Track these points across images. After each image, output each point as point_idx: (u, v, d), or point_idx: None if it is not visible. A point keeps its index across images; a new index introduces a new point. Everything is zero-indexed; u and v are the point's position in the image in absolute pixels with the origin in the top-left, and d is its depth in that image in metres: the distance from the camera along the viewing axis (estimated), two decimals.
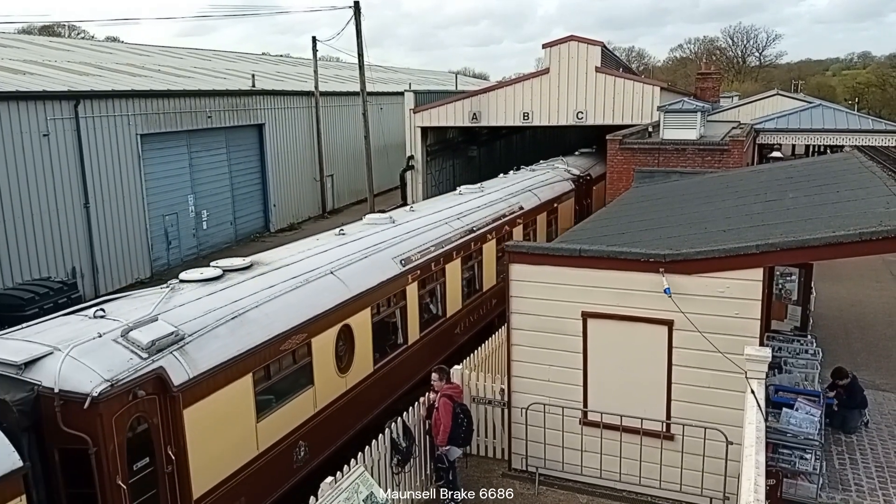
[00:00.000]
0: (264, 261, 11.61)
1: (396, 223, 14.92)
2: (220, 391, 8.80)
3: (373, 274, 12.39)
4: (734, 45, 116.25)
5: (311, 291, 10.90)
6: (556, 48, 29.73)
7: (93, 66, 30.81)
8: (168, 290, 9.75)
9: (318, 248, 12.68)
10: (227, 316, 9.38)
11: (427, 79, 71.10)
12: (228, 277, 10.55)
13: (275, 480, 9.87)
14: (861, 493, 10.67)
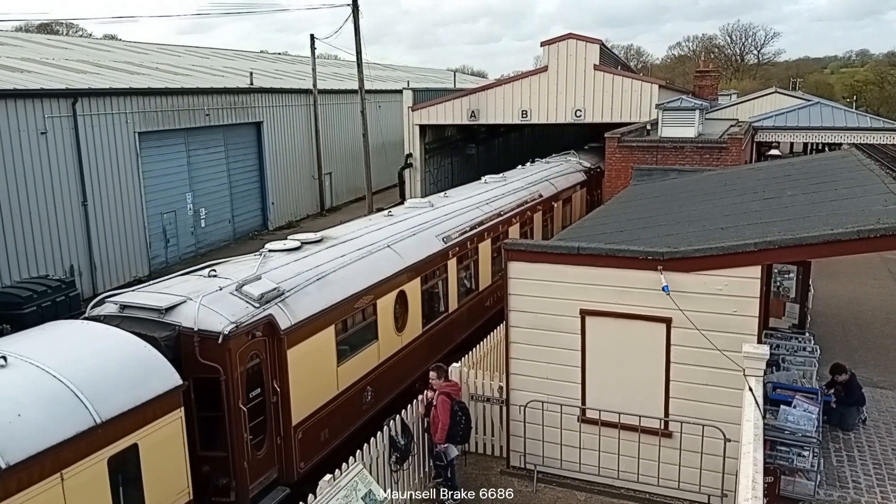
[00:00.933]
0: (331, 235, 13.54)
1: (435, 207, 16.79)
2: (311, 338, 10.58)
3: (421, 248, 14.24)
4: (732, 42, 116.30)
5: (374, 261, 12.75)
6: (555, 46, 29.72)
7: (91, 63, 30.76)
8: (261, 257, 11.57)
9: (373, 226, 14.58)
10: (313, 277, 11.19)
11: (425, 77, 71.04)
12: (306, 248, 12.40)
13: (349, 418, 11.62)
14: (858, 489, 10.70)
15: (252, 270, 10.69)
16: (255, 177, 34.27)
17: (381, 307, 12.47)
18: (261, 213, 34.70)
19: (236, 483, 9.40)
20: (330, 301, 11.08)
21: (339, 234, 13.77)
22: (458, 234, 15.70)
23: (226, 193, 31.71)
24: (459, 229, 15.87)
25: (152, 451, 8.05)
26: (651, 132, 25.13)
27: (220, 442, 9.31)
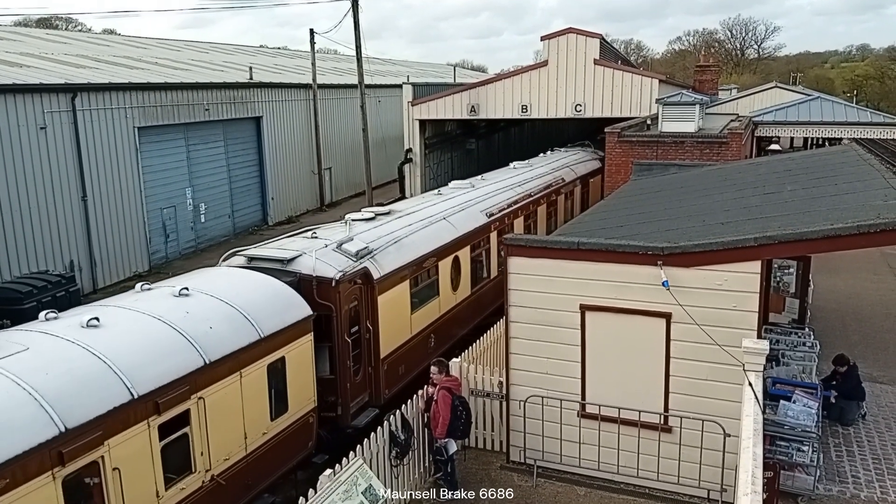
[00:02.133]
0: (396, 209, 16.15)
1: (475, 188, 19.35)
2: (393, 289, 12.97)
3: (469, 221, 16.68)
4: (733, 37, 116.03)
5: (435, 230, 15.22)
6: (555, 40, 29.64)
7: (90, 58, 30.71)
8: (347, 224, 14.23)
9: (428, 203, 17.25)
10: (391, 241, 13.61)
11: (425, 71, 70.93)
12: (379, 219, 14.90)
13: (418, 358, 13.76)
14: (858, 484, 10.72)
15: (345, 234, 13.29)
16: (255, 172, 34.23)
17: (441, 268, 14.92)
18: (260, 209, 34.67)
19: (341, 401, 11.71)
20: (405, 260, 13.52)
21: (403, 207, 16.52)
22: (497, 210, 18.17)
23: (225, 188, 31.68)
24: (498, 206, 18.34)
25: (293, 364, 10.37)
26: (651, 127, 25.11)
27: (329, 366, 11.56)
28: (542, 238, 12.72)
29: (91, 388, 7.47)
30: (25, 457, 6.56)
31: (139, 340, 8.46)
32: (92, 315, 8.48)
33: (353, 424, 11.83)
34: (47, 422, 6.90)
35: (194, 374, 8.56)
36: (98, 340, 8.04)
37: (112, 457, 7.46)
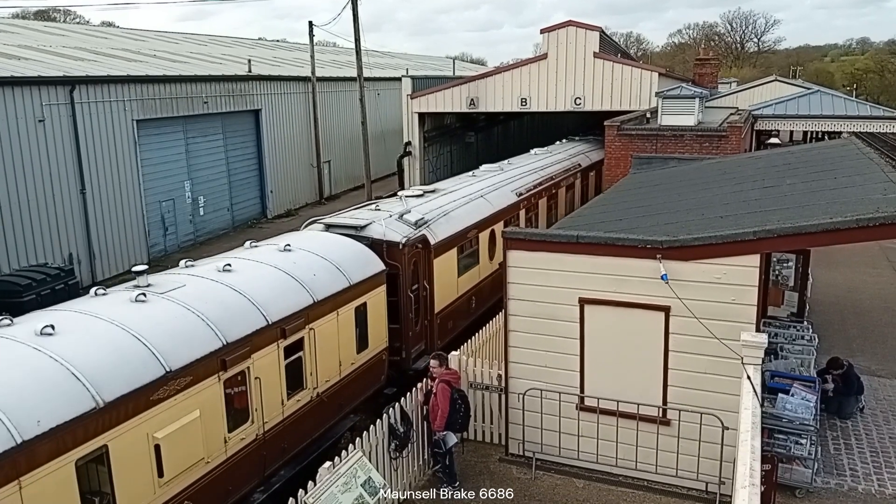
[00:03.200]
0: (440, 188, 18.25)
1: (504, 171, 21.32)
2: (445, 254, 15.02)
3: (502, 199, 18.64)
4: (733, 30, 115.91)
5: (475, 206, 17.24)
6: (554, 33, 29.57)
7: (88, 51, 30.62)
8: (402, 199, 16.32)
9: (466, 183, 19.16)
10: (441, 213, 15.64)
11: (424, 64, 70.77)
12: (427, 196, 16.96)
13: (463, 316, 15.91)
14: (856, 477, 10.77)
15: (402, 207, 15.26)
16: (254, 165, 34.18)
17: (481, 239, 16.97)
18: (259, 202, 34.63)
19: (404, 346, 13.63)
20: (454, 230, 15.56)
21: (445, 187, 18.54)
22: (525, 190, 20.15)
23: (224, 181, 31.64)
24: (525, 187, 20.36)
25: (372, 309, 12.39)
26: (651, 120, 25.08)
27: (396, 317, 13.39)
28: (542, 231, 12.74)
29: (240, 315, 9.58)
30: (201, 361, 8.63)
31: (267, 282, 10.53)
32: (225, 262, 10.68)
33: (414, 367, 13.70)
34: (214, 337, 8.95)
35: (307, 309, 10.65)
36: (236, 281, 10.16)
37: (255, 368, 9.55)
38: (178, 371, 8.26)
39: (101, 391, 7.40)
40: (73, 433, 7.01)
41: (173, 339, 8.54)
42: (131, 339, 8.17)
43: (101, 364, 7.68)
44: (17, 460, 6.50)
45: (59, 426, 6.89)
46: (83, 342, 7.93)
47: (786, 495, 10.26)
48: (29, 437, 6.61)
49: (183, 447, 8.31)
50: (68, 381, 7.29)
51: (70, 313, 8.60)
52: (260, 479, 9.87)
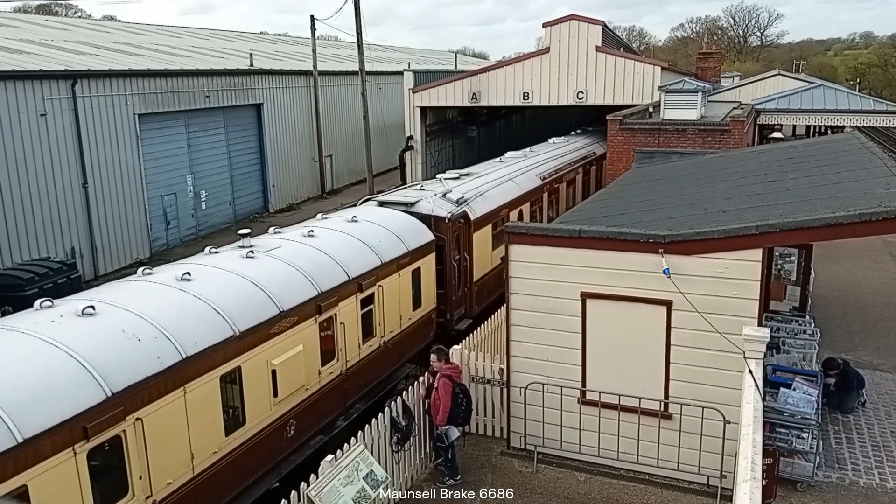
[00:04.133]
0: (473, 171, 20.16)
1: (527, 157, 23.30)
2: (482, 229, 16.87)
3: (528, 183, 20.58)
4: (736, 24, 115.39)
5: (505, 188, 19.11)
6: (557, 27, 29.48)
7: (90, 45, 30.60)
8: (440, 181, 18.16)
9: (495, 168, 21.19)
10: (478, 193, 17.43)
11: (426, 58, 70.64)
12: (463, 178, 18.81)
13: (496, 286, 16.38)
14: (857, 471, 10.77)
15: (444, 187, 17.16)
16: (256, 159, 34.18)
17: (511, 217, 18.49)
18: (261, 196, 34.64)
19: (448, 309, 15.52)
20: (489, 208, 17.43)
21: (477, 171, 20.46)
22: (547, 174, 21.99)
23: (226, 176, 31.65)
24: (548, 172, 22.19)
25: (424, 273, 14.28)
26: (653, 115, 25.03)
27: (441, 283, 15.20)
28: (543, 226, 12.73)
29: (328, 270, 11.44)
30: (304, 305, 10.51)
31: (344, 245, 12.43)
32: (308, 229, 12.57)
33: (456, 328, 15.58)
34: (311, 287, 10.87)
35: (377, 269, 12.56)
36: (320, 244, 12.03)
37: (340, 315, 11.42)
38: (288, 311, 10.15)
39: (237, 323, 9.29)
40: (217, 354, 8.87)
41: (282, 286, 10.38)
42: (252, 286, 10.04)
43: (234, 302, 9.52)
44: (184, 371, 8.38)
45: (209, 347, 8.76)
46: (216, 285, 9.76)
47: (787, 489, 10.27)
48: (190, 354, 8.49)
49: (291, 374, 10.18)
50: (212, 314, 9.13)
51: (195, 265, 10.39)
52: (342, 409, 11.83)
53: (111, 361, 7.69)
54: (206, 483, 8.73)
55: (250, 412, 9.48)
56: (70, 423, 7.02)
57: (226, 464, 9.08)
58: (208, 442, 8.79)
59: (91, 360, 7.54)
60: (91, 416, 7.20)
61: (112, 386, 7.51)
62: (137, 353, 7.99)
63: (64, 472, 7.00)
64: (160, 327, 8.43)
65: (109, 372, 7.58)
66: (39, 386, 7.10)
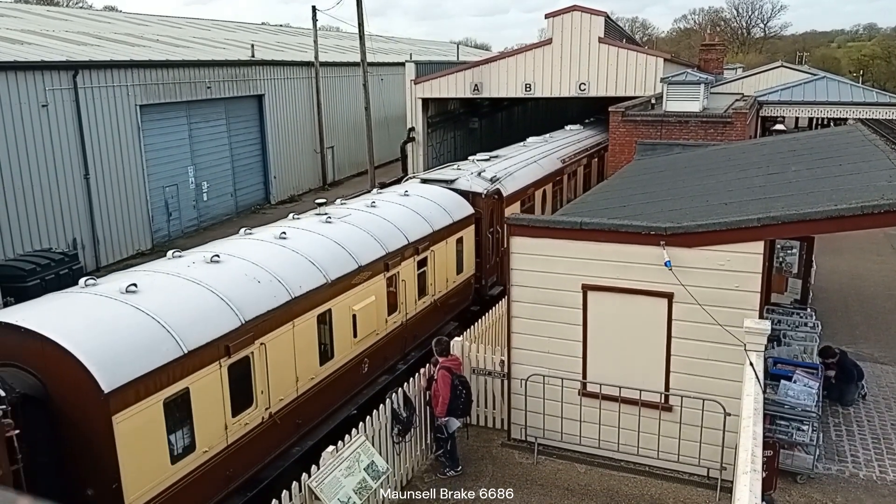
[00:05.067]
0: (500, 154, 21.89)
1: (548, 142, 25.27)
2: (512, 204, 18.59)
3: (550, 165, 22.52)
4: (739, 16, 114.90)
5: (531, 169, 20.97)
6: (559, 18, 29.39)
7: (91, 35, 30.53)
8: (473, 162, 20.14)
9: (519, 151, 23.04)
10: (508, 173, 19.23)
11: (428, 49, 70.42)
12: (493, 160, 20.73)
13: None
14: (857, 464, 10.79)
15: (477, 168, 19.03)
16: (257, 150, 34.13)
17: (536, 196, 20.73)
18: (263, 187, 34.61)
19: (483, 276, 17.29)
20: (518, 186, 19.27)
21: (504, 153, 22.16)
22: (567, 158, 24.08)
23: (228, 167, 31.62)
24: (567, 155, 24.27)
25: (466, 243, 16.22)
26: (655, 106, 24.96)
27: (477, 253, 16.92)
28: (545, 218, 12.74)
29: (391, 234, 13.41)
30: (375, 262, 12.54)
31: (402, 214, 14.30)
32: (370, 201, 14.68)
33: (490, 293, 17.29)
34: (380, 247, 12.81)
35: (429, 235, 14.43)
36: (382, 213, 13.92)
37: (402, 273, 13.42)
38: (364, 266, 12.14)
39: (329, 273, 11.25)
40: (315, 297, 10.82)
41: (358, 246, 12.33)
42: (335, 244, 12.01)
43: (324, 256, 11.49)
44: (292, 308, 10.26)
45: (310, 291, 10.67)
46: (307, 244, 11.63)
47: (787, 481, 10.29)
48: (297, 295, 10.38)
49: (366, 320, 12.10)
50: (309, 265, 11.11)
51: (287, 227, 12.29)
52: (401, 354, 13.71)
53: (242, 297, 9.59)
54: (305, 403, 10.67)
55: (337, 348, 11.49)
56: (217, 341, 8.91)
57: (319, 388, 11.03)
58: (308, 369, 10.74)
59: (227, 296, 9.43)
60: (231, 338, 9.10)
61: (244, 315, 9.41)
62: (259, 292, 9.91)
63: (213, 380, 8.87)
64: (273, 273, 10.35)
65: (241, 305, 9.47)
66: (194, 313, 8.94)
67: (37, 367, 7.66)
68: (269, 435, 9.89)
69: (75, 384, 7.57)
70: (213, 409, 8.88)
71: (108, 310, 8.41)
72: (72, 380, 7.58)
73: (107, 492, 7.62)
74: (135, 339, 8.15)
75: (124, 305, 8.51)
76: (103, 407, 7.50)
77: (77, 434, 7.65)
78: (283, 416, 10.09)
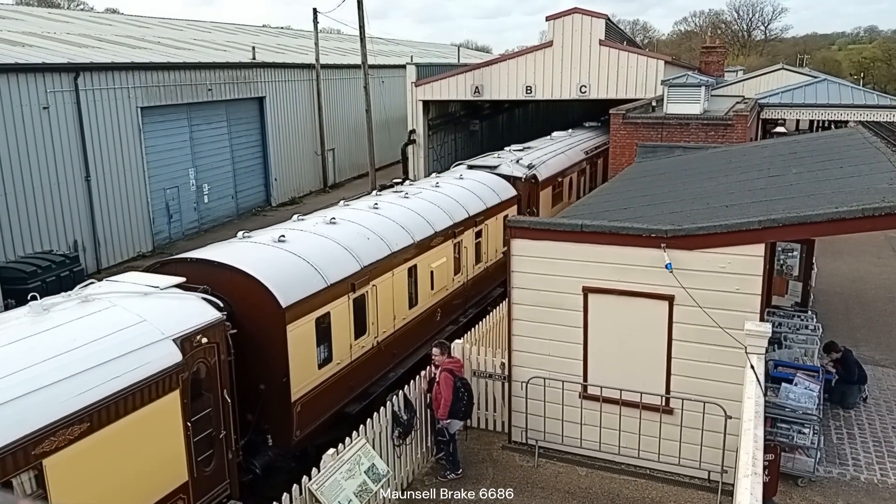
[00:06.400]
0: (531, 146, 24.28)
1: (571, 136, 27.81)
2: (546, 188, 21.08)
3: (575, 155, 25.21)
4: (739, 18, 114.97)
5: (559, 158, 23.43)
6: (560, 20, 29.40)
7: (92, 37, 30.56)
8: (510, 152, 22.42)
9: (548, 143, 25.53)
10: (541, 161, 21.64)
11: (429, 51, 70.47)
12: (526, 150, 22.89)
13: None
14: (858, 467, 10.78)
15: (514, 156, 21.38)
16: (258, 152, 34.15)
17: (564, 183, 23.18)
18: (264, 189, 34.62)
19: None
20: (550, 173, 21.66)
21: (534, 145, 24.62)
22: (588, 150, 26.56)
23: (229, 169, 31.63)
24: (589, 148, 26.83)
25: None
26: (656, 109, 24.96)
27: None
28: (546, 220, 12.72)
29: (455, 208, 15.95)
30: (445, 229, 15.04)
31: (462, 195, 16.82)
32: (435, 182, 17.43)
33: None
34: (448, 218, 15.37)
35: (483, 211, 16.91)
36: (447, 192, 16.53)
37: (464, 240, 15.86)
38: (438, 232, 14.64)
39: (414, 235, 13.76)
40: (406, 253, 13.28)
41: (432, 216, 14.87)
42: (415, 214, 14.52)
43: (409, 223, 13.98)
44: (392, 261, 12.76)
45: (403, 248, 13.18)
46: (395, 212, 14.18)
47: (788, 484, 10.28)
48: (395, 250, 12.94)
49: (440, 276, 14.62)
50: (399, 229, 13.58)
51: (376, 200, 14.97)
52: (462, 310, 16.08)
53: (358, 248, 12.13)
54: (399, 337, 13.12)
55: (420, 297, 13.91)
56: (346, 279, 11.41)
57: (409, 327, 13.49)
58: (401, 310, 13.25)
59: (349, 246, 12.01)
60: (354, 278, 11.63)
61: (362, 262, 11.94)
62: (370, 246, 12.46)
63: (343, 309, 11.35)
64: (376, 233, 12.87)
65: (359, 254, 12.00)
66: (329, 257, 11.44)
67: (224, 290, 9.66)
68: (376, 358, 12.41)
69: (259, 302, 9.82)
70: (343, 331, 11.40)
71: (270, 252, 10.95)
72: (256, 299, 9.82)
73: (277, 386, 10.00)
74: (294, 272, 10.62)
75: (280, 250, 11.07)
76: (281, 319, 9.87)
77: (256, 341, 9.71)
78: (385, 345, 12.65)
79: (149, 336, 8.03)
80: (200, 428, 8.57)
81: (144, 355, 7.81)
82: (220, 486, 8.99)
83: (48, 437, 6.68)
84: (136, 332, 8.00)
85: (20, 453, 6.47)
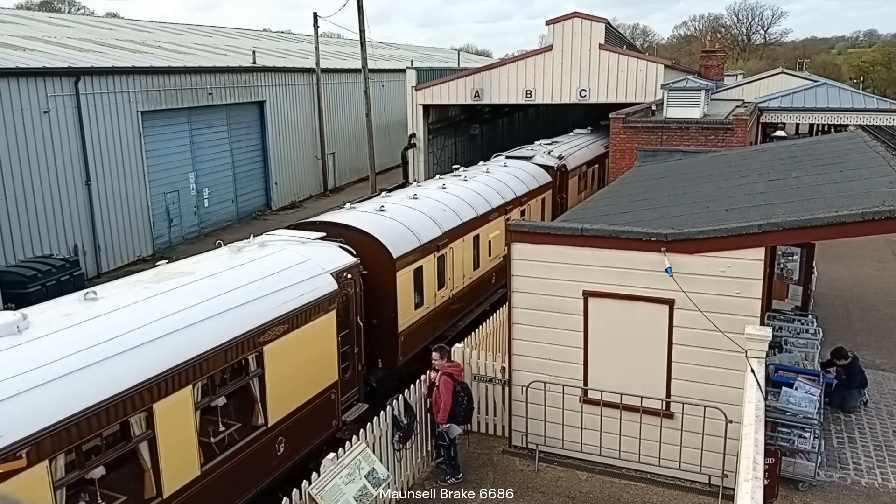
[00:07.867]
0: (557, 141, 27.64)
1: (591, 133, 30.87)
2: (573, 178, 24.73)
3: (596, 150, 28.37)
4: (739, 22, 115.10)
5: (582, 152, 26.91)
6: (560, 25, 29.47)
7: (93, 42, 30.61)
8: (541, 145, 25.66)
9: (570, 139, 29.04)
10: (568, 154, 25.08)
11: (429, 56, 70.60)
12: (554, 144, 26.00)
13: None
14: (859, 471, 10.76)
15: (546, 148, 24.80)
16: (259, 157, 34.18)
17: (588, 174, 26.57)
18: (264, 193, 34.65)
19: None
20: (576, 164, 25.15)
21: (560, 140, 27.89)
22: (607, 146, 26.40)
23: (229, 173, 31.66)
24: (605, 144, 27.25)
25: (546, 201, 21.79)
26: (656, 113, 25.00)
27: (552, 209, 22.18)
28: (546, 224, 12.74)
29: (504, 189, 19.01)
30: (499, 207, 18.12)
31: (509, 179, 19.91)
32: (485, 168, 21.01)
33: None
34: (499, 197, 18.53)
35: (526, 193, 20.00)
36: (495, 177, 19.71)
37: (512, 217, 18.25)
38: (494, 208, 17.73)
39: (477, 209, 16.91)
40: (471, 224, 16.46)
41: (488, 194, 17.94)
42: (475, 193, 17.57)
43: (472, 200, 17.11)
44: (461, 229, 15.92)
45: (468, 220, 16.37)
46: (461, 191, 17.34)
47: (789, 488, 10.26)
48: (464, 220, 16.17)
49: (495, 245, 17.44)
50: (465, 204, 16.69)
51: (445, 181, 18.28)
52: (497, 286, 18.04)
53: (439, 217, 15.29)
54: (466, 293, 16.32)
55: (481, 261, 17.02)
56: (433, 241, 14.54)
57: (473, 285, 16.76)
58: (468, 270, 16.38)
59: (432, 216, 15.12)
60: (438, 240, 14.77)
61: (443, 228, 15.13)
62: (445, 216, 15.54)
63: (431, 265, 14.52)
64: (448, 206, 16.01)
65: (440, 222, 15.15)
66: (418, 224, 14.49)
67: (354, 245, 12.42)
68: (450, 308, 15.57)
69: (376, 254, 12.85)
70: (431, 282, 14.43)
71: (378, 218, 14.06)
72: (374, 251, 12.82)
73: (387, 320, 13.06)
74: (398, 233, 13.72)
75: (384, 217, 14.16)
76: (392, 267, 13.00)
77: (372, 284, 12.46)
78: (457, 298, 15.75)
79: (315, 269, 10.91)
80: (343, 343, 11.46)
81: (314, 283, 10.67)
82: (352, 390, 12.02)
83: (267, 331, 9.44)
84: (306, 266, 10.85)
85: (251, 340, 9.18)
